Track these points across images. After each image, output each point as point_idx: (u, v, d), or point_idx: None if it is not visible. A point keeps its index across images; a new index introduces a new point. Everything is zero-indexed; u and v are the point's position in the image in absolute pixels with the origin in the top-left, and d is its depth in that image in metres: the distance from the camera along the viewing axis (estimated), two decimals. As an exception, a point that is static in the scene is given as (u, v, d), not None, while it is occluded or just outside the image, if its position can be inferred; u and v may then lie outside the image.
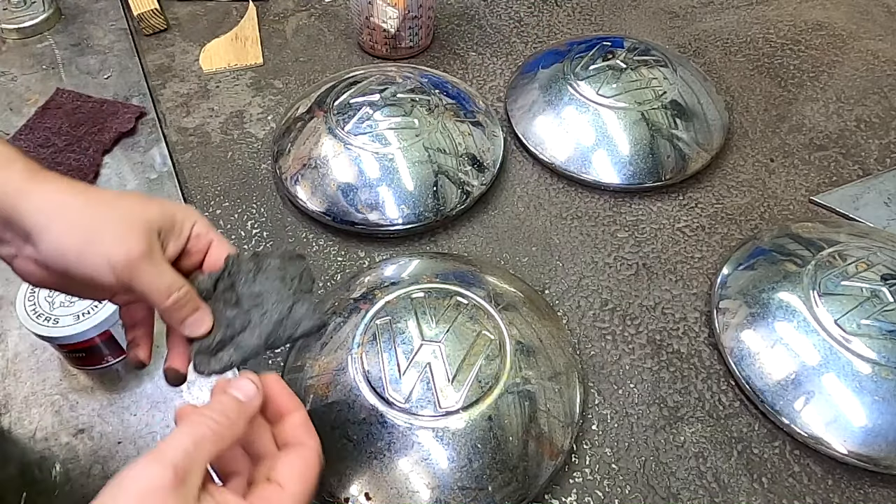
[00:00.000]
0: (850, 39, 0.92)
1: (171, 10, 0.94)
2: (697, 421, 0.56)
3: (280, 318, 0.42)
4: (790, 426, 0.53)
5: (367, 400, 0.50)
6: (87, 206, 0.37)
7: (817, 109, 0.82)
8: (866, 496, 0.52)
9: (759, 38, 0.92)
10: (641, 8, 0.97)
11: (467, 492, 0.48)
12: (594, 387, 0.58)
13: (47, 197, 0.37)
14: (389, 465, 0.49)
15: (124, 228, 0.37)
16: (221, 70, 0.86)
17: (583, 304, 0.63)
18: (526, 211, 0.71)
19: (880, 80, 0.86)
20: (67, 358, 0.55)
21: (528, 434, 0.51)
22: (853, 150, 0.78)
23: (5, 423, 0.53)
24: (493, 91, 0.84)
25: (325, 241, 0.68)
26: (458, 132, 0.71)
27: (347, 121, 0.69)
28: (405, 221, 0.66)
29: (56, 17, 0.91)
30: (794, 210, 0.72)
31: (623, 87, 0.74)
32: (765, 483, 0.53)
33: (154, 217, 0.39)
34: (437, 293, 0.56)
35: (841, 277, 0.57)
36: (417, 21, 0.83)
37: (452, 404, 0.50)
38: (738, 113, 0.81)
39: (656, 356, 0.60)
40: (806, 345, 0.55)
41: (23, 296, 0.53)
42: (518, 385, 0.52)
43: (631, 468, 0.53)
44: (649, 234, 0.69)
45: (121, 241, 0.37)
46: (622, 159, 0.71)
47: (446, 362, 0.51)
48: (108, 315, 0.52)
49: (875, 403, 0.52)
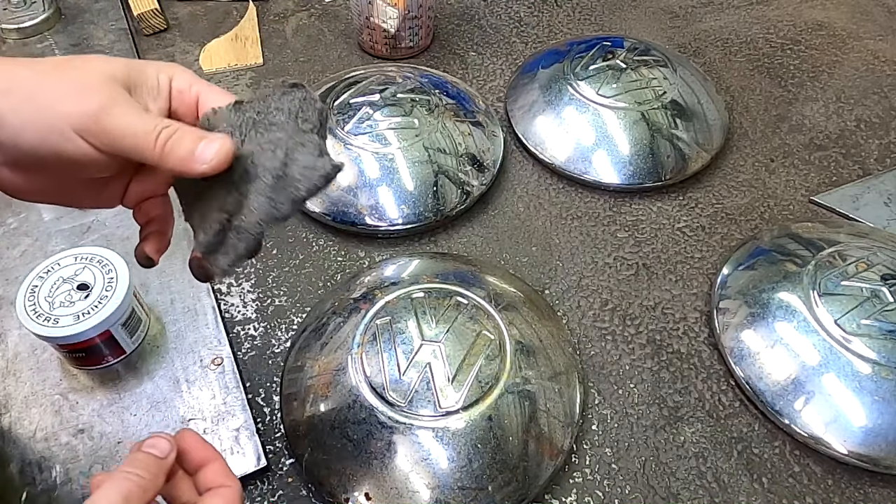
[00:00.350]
0: (850, 39, 0.92)
1: (171, 10, 0.94)
2: (697, 421, 0.56)
3: (275, 178, 0.34)
4: (790, 426, 0.53)
5: (367, 400, 0.50)
6: (35, 75, 0.32)
7: (817, 109, 0.82)
8: (866, 496, 0.52)
9: (759, 38, 0.92)
10: (641, 8, 0.97)
11: (467, 492, 0.48)
12: (594, 387, 0.58)
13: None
14: (389, 465, 0.49)
15: (80, 85, 0.32)
16: (221, 70, 0.86)
17: (583, 304, 0.63)
18: (526, 211, 0.71)
19: (880, 80, 0.86)
20: (67, 358, 0.55)
21: (528, 434, 0.51)
22: (853, 150, 0.78)
23: (5, 423, 0.53)
24: (493, 91, 0.84)
25: (325, 241, 0.68)
26: (458, 132, 0.71)
27: (347, 121, 0.69)
28: (405, 221, 0.66)
29: (56, 17, 0.91)
30: (794, 210, 0.72)
31: (623, 87, 0.74)
32: (765, 483, 0.53)
33: (117, 71, 0.33)
34: (437, 293, 0.56)
35: (841, 277, 0.57)
36: (417, 21, 0.83)
37: (452, 404, 0.50)
38: (738, 113, 0.81)
39: (656, 356, 0.60)
40: (806, 345, 0.55)
41: (23, 296, 0.53)
42: (518, 385, 0.52)
43: (631, 468, 0.53)
44: (649, 234, 0.69)
45: (77, 98, 0.32)
46: (622, 159, 0.71)
47: (446, 362, 0.51)
48: (109, 315, 0.52)
49: (875, 403, 0.52)
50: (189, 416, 0.53)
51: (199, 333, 0.58)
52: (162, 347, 0.57)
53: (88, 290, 0.53)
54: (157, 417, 0.53)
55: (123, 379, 0.56)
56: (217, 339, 0.58)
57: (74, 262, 0.55)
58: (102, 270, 0.54)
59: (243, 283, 0.64)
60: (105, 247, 0.56)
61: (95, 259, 0.55)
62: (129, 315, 0.55)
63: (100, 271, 0.54)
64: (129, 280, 0.54)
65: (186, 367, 0.56)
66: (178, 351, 0.57)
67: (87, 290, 0.53)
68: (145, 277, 0.62)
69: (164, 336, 0.58)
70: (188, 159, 0.33)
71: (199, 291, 0.61)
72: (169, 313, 0.60)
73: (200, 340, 0.58)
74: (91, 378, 0.56)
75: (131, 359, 0.57)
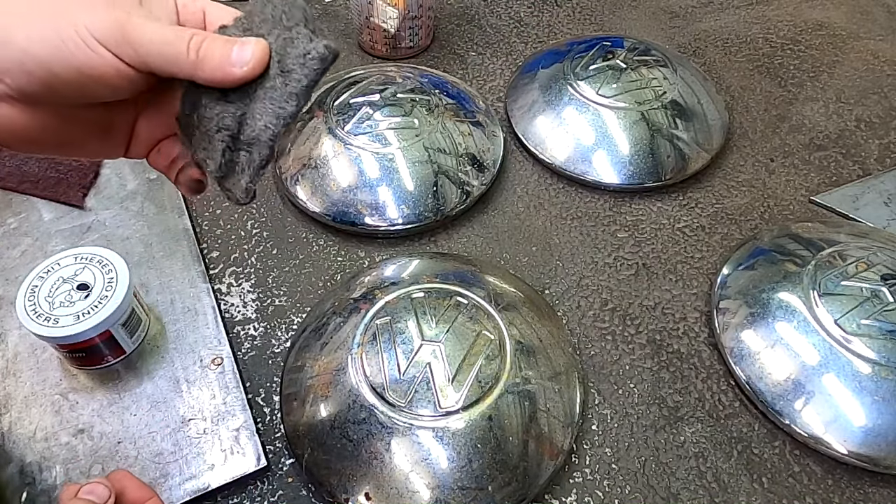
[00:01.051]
0: (850, 39, 0.92)
1: (171, 10, 0.94)
2: (697, 421, 0.56)
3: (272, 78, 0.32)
4: (790, 426, 0.53)
5: (367, 400, 0.50)
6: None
7: (817, 109, 0.82)
8: (866, 496, 0.52)
9: (759, 38, 0.92)
10: (641, 8, 0.97)
11: (467, 492, 0.48)
12: (594, 387, 0.58)
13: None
14: (389, 465, 0.49)
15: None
16: (221, 70, 0.86)
17: (583, 304, 0.63)
18: (526, 211, 0.71)
19: (880, 80, 0.86)
20: (67, 358, 0.55)
21: (528, 434, 0.51)
22: (853, 150, 0.78)
23: (5, 423, 0.53)
24: (493, 91, 0.84)
25: (325, 241, 0.68)
26: (458, 132, 0.71)
27: (347, 121, 0.69)
28: (405, 221, 0.66)
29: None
30: (794, 210, 0.72)
31: (623, 87, 0.74)
32: (765, 483, 0.53)
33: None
34: (437, 293, 0.56)
35: (841, 277, 0.57)
36: (417, 21, 0.83)
37: (452, 404, 0.50)
38: (738, 113, 0.81)
39: (656, 356, 0.60)
40: (806, 345, 0.55)
41: (23, 296, 0.53)
42: (518, 385, 0.52)
43: (631, 468, 0.53)
44: (649, 234, 0.69)
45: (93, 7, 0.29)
46: (622, 159, 0.71)
47: (446, 362, 0.51)
48: (109, 315, 0.52)
49: (875, 403, 0.52)
50: (189, 416, 0.53)
51: (199, 333, 0.58)
52: (162, 347, 0.57)
53: (88, 290, 0.53)
54: (157, 417, 0.53)
55: (123, 379, 0.56)
56: (217, 339, 0.58)
57: (74, 262, 0.55)
58: (102, 270, 0.54)
59: (243, 283, 0.64)
60: (105, 247, 0.56)
61: (95, 259, 0.55)
62: (129, 315, 0.55)
63: (100, 271, 0.54)
64: (129, 280, 0.54)
65: (186, 367, 0.56)
66: (178, 351, 0.57)
67: (87, 290, 0.53)
68: (145, 277, 0.62)
69: (164, 336, 0.58)
70: (225, 63, 0.31)
71: (200, 291, 0.61)
72: (169, 313, 0.60)
73: (200, 340, 0.58)
74: (91, 378, 0.56)
75: (131, 359, 0.57)
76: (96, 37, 0.29)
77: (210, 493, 0.50)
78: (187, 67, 0.30)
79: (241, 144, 0.34)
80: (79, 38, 0.28)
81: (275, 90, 0.33)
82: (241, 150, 0.34)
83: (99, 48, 0.29)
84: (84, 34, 0.28)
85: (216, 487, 0.50)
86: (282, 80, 0.32)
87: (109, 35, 0.29)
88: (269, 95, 0.33)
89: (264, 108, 0.33)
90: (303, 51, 0.32)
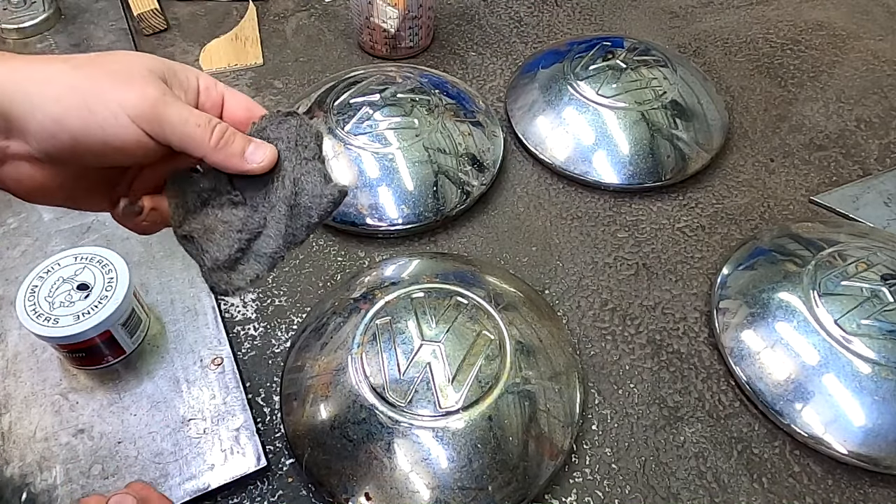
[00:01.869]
0: (850, 39, 0.92)
1: (171, 10, 0.94)
2: (697, 421, 0.56)
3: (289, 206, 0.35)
4: (790, 426, 0.53)
5: (366, 400, 0.50)
6: (73, 69, 0.32)
7: (817, 109, 0.82)
8: (866, 496, 0.52)
9: (759, 38, 0.92)
10: (641, 8, 0.97)
11: (467, 492, 0.48)
12: (594, 387, 0.58)
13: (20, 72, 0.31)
14: (389, 465, 0.49)
15: (127, 75, 0.32)
16: (221, 70, 0.86)
17: (583, 304, 0.63)
18: (526, 211, 0.71)
19: (880, 80, 0.86)
20: (67, 358, 0.55)
21: (528, 434, 0.51)
22: (853, 150, 0.78)
23: (5, 423, 0.53)
24: (493, 91, 0.84)
25: (325, 241, 0.68)
26: (458, 132, 0.71)
27: (347, 121, 0.69)
28: (405, 221, 0.66)
29: (56, 17, 0.91)
30: (794, 210, 0.72)
31: (623, 87, 0.74)
32: (765, 483, 0.53)
33: (154, 65, 0.34)
34: (437, 293, 0.56)
35: (841, 277, 0.57)
36: (417, 21, 0.83)
37: (452, 404, 0.50)
38: (738, 113, 0.81)
39: (656, 356, 0.60)
40: (806, 345, 0.55)
41: (23, 296, 0.53)
42: (518, 385, 0.52)
43: (631, 468, 0.53)
44: (649, 234, 0.69)
45: (130, 86, 0.32)
46: (622, 159, 0.71)
47: (446, 362, 0.51)
48: (109, 315, 0.52)
49: (875, 403, 0.52)
50: (189, 416, 0.53)
51: (199, 333, 0.58)
52: (162, 347, 0.57)
53: (88, 290, 0.53)
54: (157, 417, 0.53)
55: (123, 379, 0.56)
56: (217, 339, 0.58)
57: (74, 262, 0.55)
58: (102, 270, 0.54)
59: (243, 283, 0.64)
60: (105, 247, 0.56)
61: (95, 259, 0.55)
62: (129, 315, 0.55)
63: (100, 271, 0.54)
64: (129, 280, 0.54)
65: (186, 367, 0.56)
66: (178, 351, 0.57)
67: (87, 290, 0.53)
68: (145, 277, 0.62)
69: (164, 336, 0.58)
70: (239, 157, 0.35)
71: (200, 291, 0.61)
72: (169, 313, 0.60)
73: (200, 340, 0.58)
74: (91, 378, 0.56)
75: (131, 359, 0.57)
76: (129, 114, 0.31)
77: (210, 493, 0.50)
78: (205, 150, 0.34)
79: (250, 253, 0.37)
80: (110, 114, 0.31)
81: (290, 218, 0.36)
82: (249, 256, 0.37)
83: (129, 125, 0.31)
84: (117, 111, 0.31)
85: (216, 487, 0.50)
86: (297, 211, 0.36)
87: (141, 113, 0.32)
88: (285, 220, 0.36)
89: (279, 231, 0.36)
90: (319, 191, 0.36)
